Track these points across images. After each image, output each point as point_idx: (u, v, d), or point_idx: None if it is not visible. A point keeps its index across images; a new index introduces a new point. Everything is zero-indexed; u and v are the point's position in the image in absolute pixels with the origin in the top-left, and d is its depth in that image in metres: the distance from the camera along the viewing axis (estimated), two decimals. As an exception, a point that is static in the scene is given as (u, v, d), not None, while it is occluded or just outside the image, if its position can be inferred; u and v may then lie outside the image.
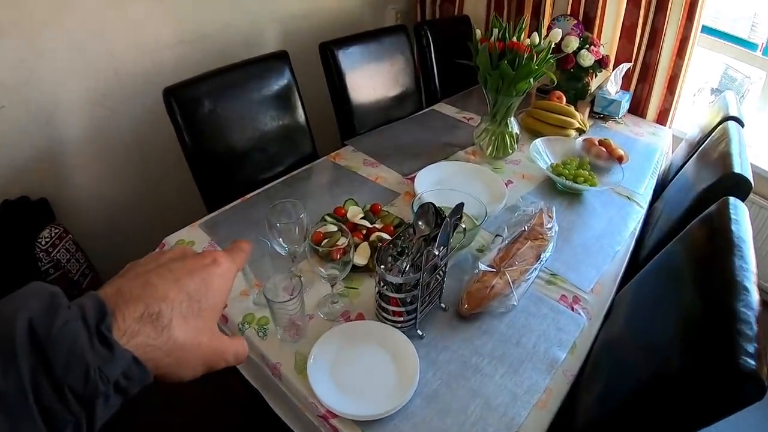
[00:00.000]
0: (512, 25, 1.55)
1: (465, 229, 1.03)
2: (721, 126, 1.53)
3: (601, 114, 1.99)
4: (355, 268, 1.13)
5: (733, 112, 1.65)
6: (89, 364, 0.28)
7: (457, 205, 0.94)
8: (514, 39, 1.49)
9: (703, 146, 1.56)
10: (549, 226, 1.24)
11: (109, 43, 1.68)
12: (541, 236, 1.22)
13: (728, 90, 1.93)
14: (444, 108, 2.04)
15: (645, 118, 2.11)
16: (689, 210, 1.27)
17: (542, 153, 1.62)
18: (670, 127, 2.10)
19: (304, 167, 1.59)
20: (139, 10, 1.71)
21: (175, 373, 0.34)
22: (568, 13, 2.15)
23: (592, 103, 2.01)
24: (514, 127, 1.63)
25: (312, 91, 1.85)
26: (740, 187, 1.22)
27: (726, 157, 1.31)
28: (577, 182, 1.50)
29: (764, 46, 2.18)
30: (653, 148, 1.89)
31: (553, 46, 1.51)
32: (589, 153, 1.66)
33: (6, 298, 0.28)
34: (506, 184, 1.53)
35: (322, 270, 0.97)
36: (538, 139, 1.65)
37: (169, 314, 0.33)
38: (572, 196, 1.53)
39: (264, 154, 1.65)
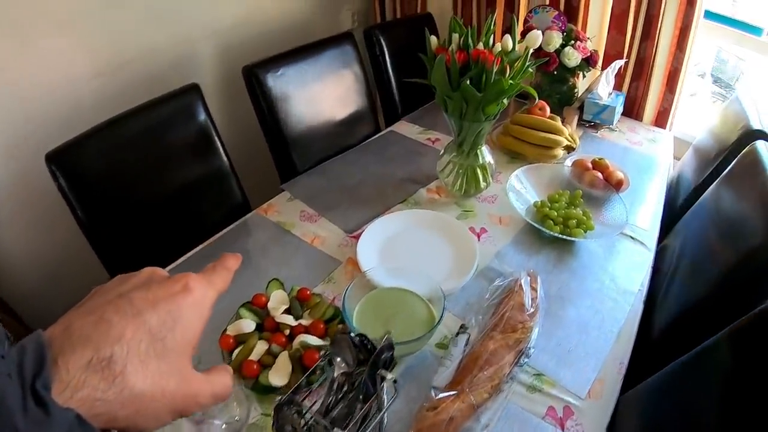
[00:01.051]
0: (482, 22, 1.25)
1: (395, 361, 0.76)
2: (749, 149, 1.23)
3: (592, 122, 1.71)
4: (272, 389, 0.88)
5: (755, 124, 1.37)
6: (19, 430, 0.24)
7: (384, 340, 0.67)
8: (480, 46, 1.20)
9: (729, 170, 1.27)
10: (531, 309, 0.97)
11: (13, 85, 1.47)
12: (520, 325, 0.95)
13: (738, 86, 1.65)
14: (404, 128, 1.77)
15: (641, 120, 1.85)
16: (733, 272, 0.97)
17: (523, 188, 1.35)
18: (670, 130, 1.82)
19: (228, 228, 1.32)
20: (47, 42, 1.48)
21: (136, 425, 0.30)
22: (548, 2, 1.86)
23: (581, 109, 1.72)
24: (485, 157, 1.35)
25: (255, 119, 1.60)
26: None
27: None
28: (567, 228, 1.23)
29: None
30: (655, 161, 1.63)
31: (531, 51, 1.23)
32: (581, 181, 1.39)
33: None
34: (479, 235, 1.26)
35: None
36: (516, 172, 1.38)
37: (123, 359, 0.29)
38: (563, 242, 1.25)
39: (182, 211, 1.38)
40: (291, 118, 1.58)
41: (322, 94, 1.68)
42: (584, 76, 1.71)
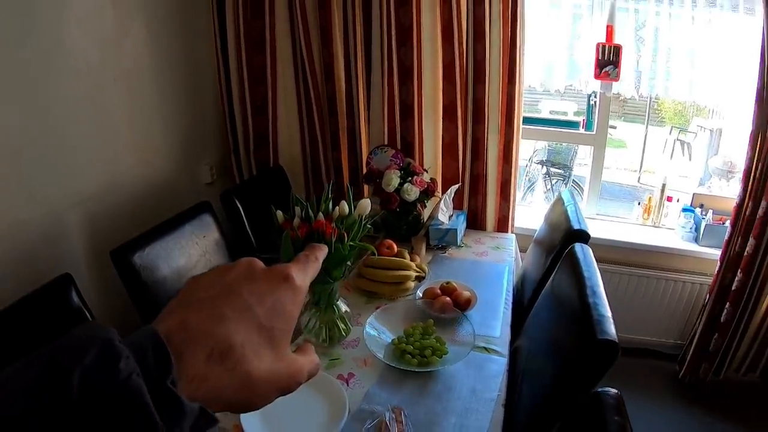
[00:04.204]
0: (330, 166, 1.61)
1: None
2: (569, 250, 1.70)
3: (439, 245, 2.14)
4: None
5: (575, 225, 1.86)
6: (158, 427, 0.28)
7: None
8: (321, 216, 1.56)
9: (557, 270, 1.72)
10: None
11: None
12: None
13: (564, 187, 2.18)
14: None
15: (486, 230, 2.31)
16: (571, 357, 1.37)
17: (377, 332, 1.70)
18: (512, 232, 2.30)
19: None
20: None
21: (247, 405, 0.36)
22: (386, 142, 2.33)
23: (428, 235, 2.15)
24: (342, 308, 1.70)
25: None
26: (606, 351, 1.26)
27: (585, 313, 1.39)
28: (425, 358, 1.57)
29: (585, 123, 2.50)
30: (500, 268, 2.06)
31: (366, 214, 1.60)
32: (432, 309, 1.76)
33: (61, 342, 0.28)
34: (348, 380, 1.58)
35: None
36: (369, 319, 1.72)
37: (240, 350, 0.34)
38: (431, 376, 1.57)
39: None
40: (160, 289, 1.85)
41: (188, 264, 1.99)
42: (425, 206, 2.15)
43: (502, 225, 2.35)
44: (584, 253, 1.64)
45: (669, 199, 2.86)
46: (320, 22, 2.36)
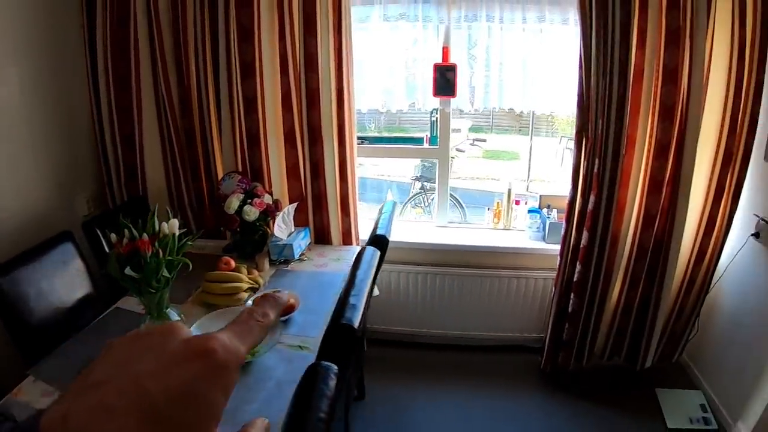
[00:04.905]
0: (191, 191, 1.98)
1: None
2: (358, 254, 2.13)
3: (280, 260, 2.53)
4: None
5: (378, 231, 2.28)
6: None
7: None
8: (145, 236, 1.95)
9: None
10: None
11: None
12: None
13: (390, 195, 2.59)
14: (129, 302, 2.48)
15: (332, 243, 2.70)
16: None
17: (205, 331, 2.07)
18: (358, 244, 2.70)
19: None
20: None
21: None
22: (239, 168, 2.72)
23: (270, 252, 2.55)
24: (173, 317, 2.08)
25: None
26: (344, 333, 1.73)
27: (342, 303, 1.83)
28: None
29: (429, 138, 2.92)
30: (335, 278, 2.48)
31: (178, 234, 1.99)
32: (257, 315, 2.15)
33: None
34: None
35: None
36: (200, 321, 2.12)
37: None
38: (243, 368, 1.95)
39: None
40: (28, 313, 2.23)
41: (52, 289, 2.36)
42: (267, 225, 2.54)
43: (347, 238, 2.77)
44: (370, 255, 2.08)
45: (517, 202, 3.33)
46: (177, 59, 2.79)
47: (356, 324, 1.63)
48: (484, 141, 5.38)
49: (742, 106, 2.76)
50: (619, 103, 2.62)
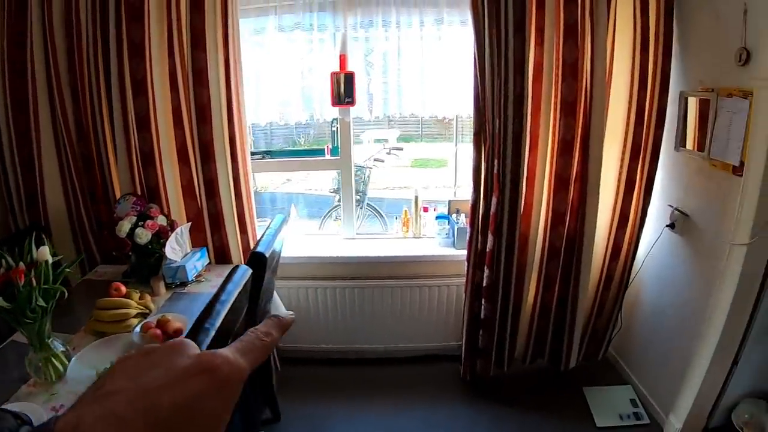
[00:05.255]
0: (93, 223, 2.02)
1: None
2: (230, 272, 2.17)
3: (176, 283, 2.55)
4: None
5: (258, 248, 2.30)
6: None
7: None
8: (22, 264, 1.97)
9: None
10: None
11: None
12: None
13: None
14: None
15: (233, 262, 2.74)
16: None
17: (84, 364, 2.10)
18: (252, 261, 2.76)
19: None
20: None
21: None
22: (138, 190, 2.77)
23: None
24: (57, 347, 2.11)
25: None
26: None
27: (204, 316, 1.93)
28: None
29: (330, 148, 2.96)
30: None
31: (51, 261, 2.01)
32: (143, 340, 2.18)
33: None
34: (58, 410, 1.98)
35: None
36: (76, 357, 2.13)
37: None
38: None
39: None
40: None
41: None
42: (163, 248, 2.57)
43: (247, 256, 2.78)
44: (239, 274, 2.13)
45: (425, 209, 3.40)
46: (72, 80, 2.87)
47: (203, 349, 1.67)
48: (401, 149, 5.43)
49: (648, 97, 2.84)
50: (517, 101, 2.72)
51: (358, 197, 4.46)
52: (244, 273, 2.14)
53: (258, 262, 2.30)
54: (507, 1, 2.59)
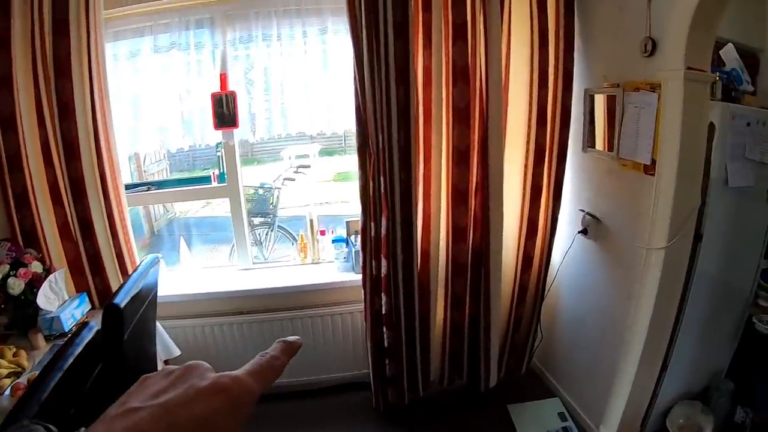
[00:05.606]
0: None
1: None
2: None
3: (56, 334, 2.43)
4: None
5: (117, 298, 2.16)
6: None
7: None
8: None
9: None
10: None
11: None
12: None
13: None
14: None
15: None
16: None
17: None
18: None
19: None
20: None
21: None
22: (14, 231, 2.67)
23: (43, 327, 2.49)
24: None
25: None
26: None
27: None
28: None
29: (217, 175, 2.82)
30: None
31: None
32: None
33: None
34: None
35: None
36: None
37: None
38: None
39: None
40: None
41: None
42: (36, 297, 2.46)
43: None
44: (83, 334, 1.90)
45: (322, 232, 3.32)
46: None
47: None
48: (308, 167, 5.28)
49: (550, 97, 2.74)
50: (403, 111, 2.60)
51: (268, 219, 4.41)
52: (89, 331, 1.96)
53: (109, 312, 2.13)
54: (386, 4, 2.43)
